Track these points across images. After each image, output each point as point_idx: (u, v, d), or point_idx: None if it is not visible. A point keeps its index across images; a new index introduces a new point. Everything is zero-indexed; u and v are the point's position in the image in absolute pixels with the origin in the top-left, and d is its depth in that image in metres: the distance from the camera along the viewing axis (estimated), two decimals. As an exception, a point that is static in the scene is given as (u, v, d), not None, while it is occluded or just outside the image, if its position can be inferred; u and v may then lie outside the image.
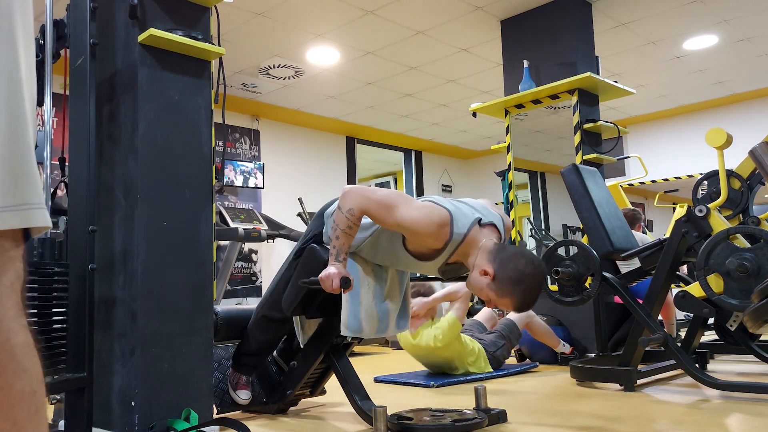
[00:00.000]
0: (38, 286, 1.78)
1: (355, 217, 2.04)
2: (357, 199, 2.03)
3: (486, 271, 1.99)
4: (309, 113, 7.00)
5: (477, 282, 2.02)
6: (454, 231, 2.02)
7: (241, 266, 6.45)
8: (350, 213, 2.03)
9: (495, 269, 1.98)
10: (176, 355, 2.14)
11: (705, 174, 3.76)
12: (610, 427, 2.18)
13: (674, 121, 7.41)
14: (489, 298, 2.03)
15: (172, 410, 2.11)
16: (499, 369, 3.62)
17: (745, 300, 2.46)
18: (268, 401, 2.54)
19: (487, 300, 2.04)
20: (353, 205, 2.03)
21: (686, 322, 4.63)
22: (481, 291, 2.02)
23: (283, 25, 4.82)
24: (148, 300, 2.09)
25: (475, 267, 2.03)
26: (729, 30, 5.21)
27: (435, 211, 2.02)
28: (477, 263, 2.03)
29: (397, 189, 9.37)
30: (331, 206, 2.30)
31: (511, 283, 1.96)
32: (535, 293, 2.00)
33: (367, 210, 2.03)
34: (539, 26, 4.60)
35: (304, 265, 2.28)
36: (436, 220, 2.00)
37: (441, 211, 2.02)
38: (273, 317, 2.44)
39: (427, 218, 1.99)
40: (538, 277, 2.00)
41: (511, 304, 1.99)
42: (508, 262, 1.99)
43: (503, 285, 1.97)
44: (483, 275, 2.00)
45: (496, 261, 2.00)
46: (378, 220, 2.06)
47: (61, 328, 1.82)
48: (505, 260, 1.99)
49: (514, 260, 1.99)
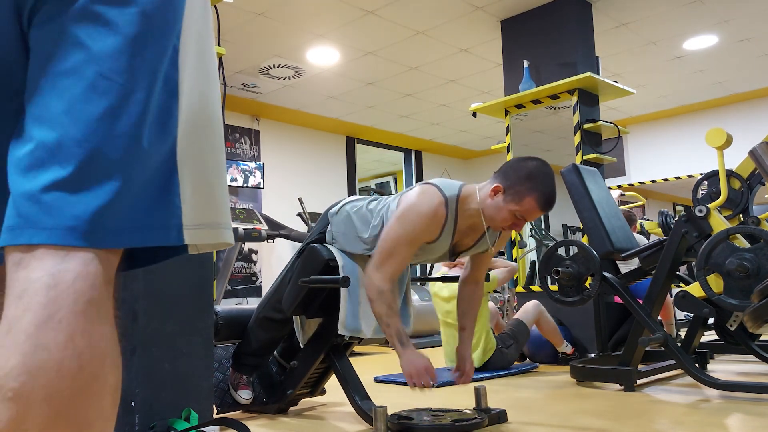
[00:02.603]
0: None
1: (386, 293, 1.97)
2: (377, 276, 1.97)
3: (495, 189, 1.96)
4: (309, 113, 7.01)
5: (493, 206, 1.97)
6: (446, 195, 2.01)
7: (241, 266, 6.45)
8: (381, 293, 1.97)
9: (501, 181, 1.96)
10: (176, 355, 2.14)
11: (705, 174, 3.76)
12: (610, 427, 2.18)
13: (674, 121, 7.41)
14: (513, 215, 1.96)
15: (172, 410, 2.11)
16: (501, 369, 3.62)
17: (745, 300, 2.46)
18: (269, 401, 2.54)
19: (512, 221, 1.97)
20: (380, 285, 1.97)
21: (686, 322, 4.63)
22: (500, 212, 1.97)
23: (283, 25, 4.82)
24: (148, 300, 2.09)
25: (484, 198, 1.99)
26: (729, 30, 5.21)
27: (423, 198, 1.99)
28: (482, 194, 2.00)
29: (397, 189, 9.37)
30: (336, 206, 2.29)
31: (525, 180, 1.92)
32: (552, 180, 1.95)
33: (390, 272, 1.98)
34: (539, 26, 4.60)
35: (304, 264, 2.28)
36: (425, 207, 1.97)
37: (426, 189, 2.01)
38: (274, 317, 2.44)
39: (420, 213, 1.98)
40: (546, 165, 1.98)
41: (536, 201, 1.93)
42: (510, 168, 1.97)
43: (518, 187, 1.93)
44: (494, 195, 1.97)
45: (499, 176, 1.98)
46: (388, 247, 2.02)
47: (62, 328, 1.82)
48: (507, 169, 1.98)
49: (515, 165, 1.98)
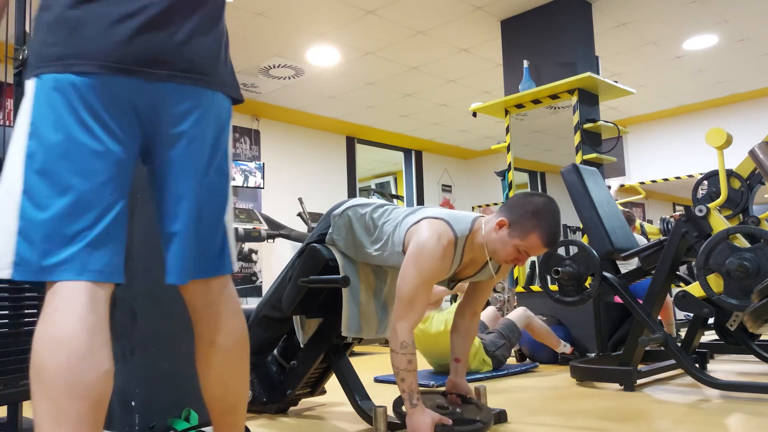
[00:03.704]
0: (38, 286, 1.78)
1: (409, 347, 1.93)
2: (401, 327, 1.93)
3: (500, 223, 1.96)
4: (309, 113, 7.01)
5: (498, 240, 1.96)
6: (457, 233, 2.00)
7: (241, 266, 6.45)
8: (404, 347, 1.92)
9: (507, 215, 1.96)
10: (176, 355, 2.14)
11: (705, 174, 3.76)
12: (610, 427, 2.18)
13: (674, 121, 7.41)
14: (517, 250, 1.95)
15: (172, 410, 2.10)
16: (499, 369, 3.62)
17: (745, 300, 2.46)
18: (269, 401, 2.54)
19: (515, 255, 1.97)
20: (403, 337, 1.92)
21: (686, 322, 4.63)
22: (504, 246, 1.96)
23: (283, 25, 4.82)
24: (148, 300, 2.09)
25: (489, 231, 1.98)
26: (729, 30, 5.21)
27: (434, 238, 1.95)
28: (487, 228, 1.99)
29: (397, 189, 9.37)
30: (339, 208, 2.28)
31: (530, 217, 1.92)
32: (558, 218, 1.95)
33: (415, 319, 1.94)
34: (539, 26, 4.61)
35: (304, 264, 2.28)
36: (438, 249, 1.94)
37: (437, 227, 1.98)
38: (273, 316, 2.44)
39: (433, 256, 1.94)
40: (552, 202, 1.97)
41: (540, 238, 1.93)
42: (517, 203, 1.96)
43: (523, 222, 1.93)
44: (499, 228, 1.97)
45: (505, 210, 1.98)
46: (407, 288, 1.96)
47: (61, 328, 1.82)
48: (513, 204, 1.97)
49: (521, 199, 1.97)
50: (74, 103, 1.10)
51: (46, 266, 1.08)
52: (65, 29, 1.11)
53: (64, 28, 1.11)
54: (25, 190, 1.09)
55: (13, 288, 1.68)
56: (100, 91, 1.11)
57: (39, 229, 1.08)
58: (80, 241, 1.10)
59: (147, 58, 1.13)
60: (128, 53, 1.12)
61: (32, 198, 1.09)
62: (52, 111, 1.10)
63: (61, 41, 1.11)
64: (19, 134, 1.12)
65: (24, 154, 1.10)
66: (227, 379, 1.30)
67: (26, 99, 1.12)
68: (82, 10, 1.11)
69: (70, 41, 1.10)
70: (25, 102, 1.12)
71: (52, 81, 1.10)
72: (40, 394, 1.03)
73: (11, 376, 1.59)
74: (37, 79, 1.11)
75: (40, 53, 1.12)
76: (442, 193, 8.85)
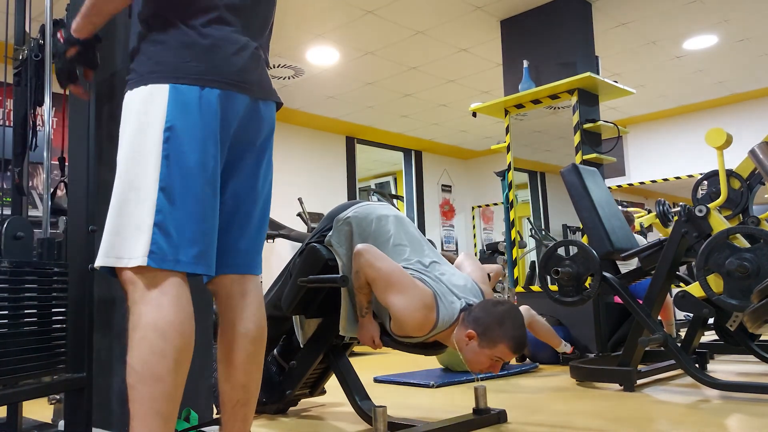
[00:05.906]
0: (38, 286, 1.78)
1: (361, 281, 2.08)
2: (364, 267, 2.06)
3: (469, 335, 2.04)
4: (308, 113, 7.00)
5: (471, 351, 2.06)
6: (439, 320, 2.05)
7: (241, 266, 6.44)
8: (357, 277, 2.09)
9: (474, 327, 2.04)
10: (176, 355, 2.14)
11: (705, 174, 3.76)
12: (610, 427, 2.18)
13: (674, 121, 7.41)
14: (489, 358, 2.05)
15: (171, 410, 2.10)
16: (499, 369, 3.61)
17: (745, 300, 2.46)
18: (268, 401, 2.53)
19: (490, 364, 2.07)
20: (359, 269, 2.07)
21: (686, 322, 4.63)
22: (478, 356, 2.05)
23: (283, 25, 4.82)
24: (147, 300, 2.09)
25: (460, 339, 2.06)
26: (729, 30, 5.21)
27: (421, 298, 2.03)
28: (458, 336, 2.07)
29: (397, 189, 9.37)
30: (342, 213, 2.28)
31: (495, 327, 2.01)
32: (521, 322, 2.05)
33: (370, 280, 2.06)
34: (539, 26, 4.60)
35: (303, 263, 2.28)
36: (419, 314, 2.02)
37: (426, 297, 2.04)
38: (272, 315, 2.44)
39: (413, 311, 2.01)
40: (514, 308, 2.07)
41: (508, 347, 2.02)
42: (480, 314, 2.05)
43: (489, 333, 2.01)
44: (469, 341, 2.04)
45: (470, 322, 2.05)
46: (374, 289, 2.09)
47: (61, 328, 1.82)
48: (477, 315, 2.05)
49: (483, 310, 2.05)
50: (209, 114, 1.27)
51: (182, 259, 1.23)
52: (198, 52, 1.29)
53: (197, 50, 1.29)
54: (162, 187, 1.22)
55: (13, 288, 1.68)
56: (226, 103, 1.30)
57: (176, 224, 1.22)
58: (206, 239, 1.27)
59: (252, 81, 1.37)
60: (243, 77, 1.34)
61: (169, 195, 1.23)
62: (189, 118, 1.26)
63: (196, 58, 1.29)
64: (151, 134, 1.24)
65: (160, 154, 1.23)
66: (251, 368, 1.40)
67: (157, 102, 1.25)
68: (209, 39, 1.31)
69: (207, 61, 1.29)
70: (153, 105, 1.25)
71: (187, 90, 1.26)
72: (166, 360, 1.18)
73: (11, 376, 1.59)
74: (172, 86, 1.26)
75: (177, 66, 1.28)
76: (441, 194, 8.85)
